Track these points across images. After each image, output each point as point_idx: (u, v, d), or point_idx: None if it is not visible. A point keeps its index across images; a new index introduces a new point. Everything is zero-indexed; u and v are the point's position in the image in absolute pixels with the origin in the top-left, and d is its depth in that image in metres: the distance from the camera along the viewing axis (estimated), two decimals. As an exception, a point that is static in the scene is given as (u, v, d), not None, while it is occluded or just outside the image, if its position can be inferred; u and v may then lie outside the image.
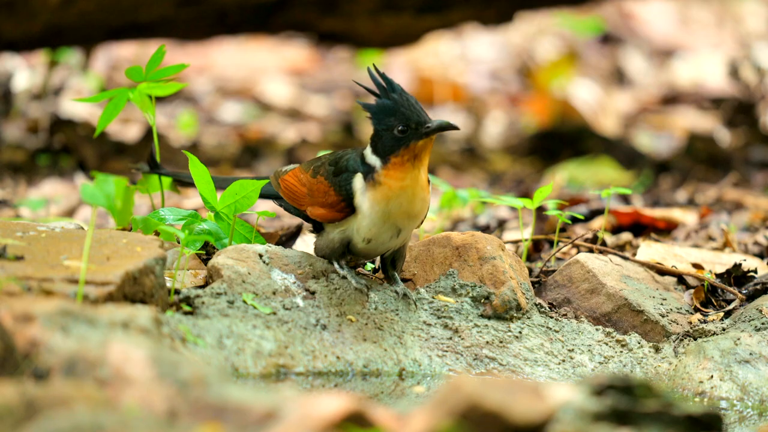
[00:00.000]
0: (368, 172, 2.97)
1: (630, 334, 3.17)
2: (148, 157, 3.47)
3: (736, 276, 3.42)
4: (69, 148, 5.80)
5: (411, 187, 2.95)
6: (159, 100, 6.98)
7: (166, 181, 3.49)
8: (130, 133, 6.55)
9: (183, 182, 3.52)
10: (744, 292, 3.36)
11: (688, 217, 4.36)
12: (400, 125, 2.92)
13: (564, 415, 2.22)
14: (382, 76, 2.94)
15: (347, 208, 2.99)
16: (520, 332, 3.12)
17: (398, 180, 2.94)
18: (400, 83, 2.98)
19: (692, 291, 3.36)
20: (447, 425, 2.09)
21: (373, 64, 2.97)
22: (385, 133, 2.93)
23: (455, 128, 2.94)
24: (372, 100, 2.97)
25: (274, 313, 2.95)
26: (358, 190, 2.97)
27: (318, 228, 3.09)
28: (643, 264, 3.43)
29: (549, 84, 8.56)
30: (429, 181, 3.02)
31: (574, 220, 4.14)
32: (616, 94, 8.81)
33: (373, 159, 2.96)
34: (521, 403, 2.11)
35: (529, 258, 3.77)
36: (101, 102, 3.47)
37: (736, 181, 5.76)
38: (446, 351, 3.07)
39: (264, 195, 3.23)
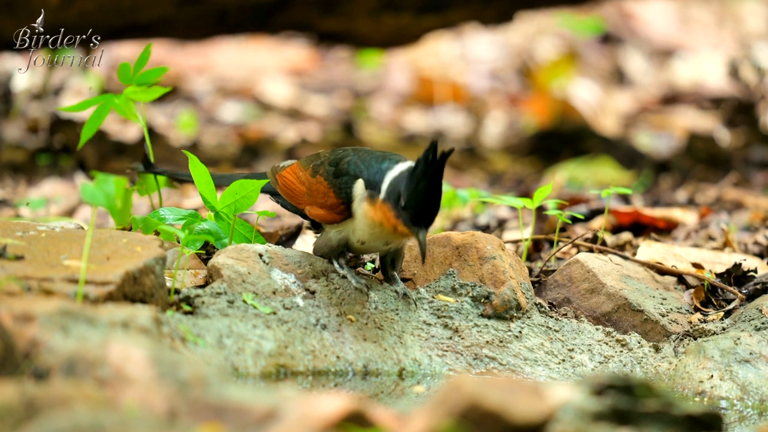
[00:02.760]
0: (373, 188, 2.93)
1: (630, 334, 3.17)
2: (142, 157, 3.47)
3: (736, 276, 3.42)
4: (69, 148, 5.80)
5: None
6: (159, 99, 6.97)
7: (163, 180, 3.49)
8: (130, 133, 6.54)
9: (178, 179, 3.52)
10: (744, 291, 3.36)
11: (688, 217, 4.36)
12: (404, 202, 2.87)
13: (564, 415, 2.22)
14: (435, 159, 2.82)
15: (346, 211, 2.97)
16: (520, 332, 3.12)
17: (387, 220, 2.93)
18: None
19: (692, 291, 3.36)
20: (447, 425, 2.09)
21: (436, 142, 2.82)
22: (396, 191, 2.89)
23: (423, 258, 2.87)
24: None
25: (274, 313, 2.95)
26: (357, 196, 2.95)
27: (317, 225, 3.08)
28: (643, 264, 3.43)
29: (549, 84, 8.56)
30: None
31: (574, 220, 4.14)
32: (616, 94, 8.80)
33: (384, 186, 2.91)
34: (521, 403, 2.11)
35: (529, 258, 3.77)
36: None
37: (736, 181, 5.76)
38: (446, 351, 3.07)
39: (260, 190, 3.21)
